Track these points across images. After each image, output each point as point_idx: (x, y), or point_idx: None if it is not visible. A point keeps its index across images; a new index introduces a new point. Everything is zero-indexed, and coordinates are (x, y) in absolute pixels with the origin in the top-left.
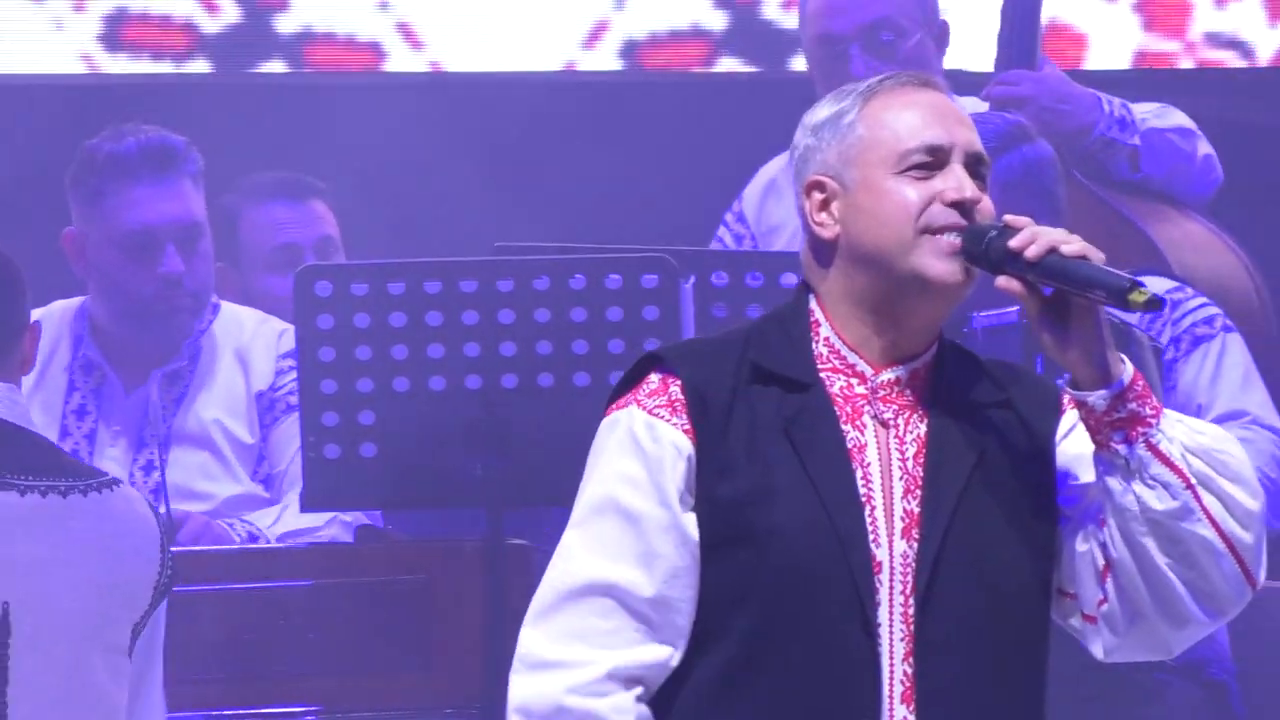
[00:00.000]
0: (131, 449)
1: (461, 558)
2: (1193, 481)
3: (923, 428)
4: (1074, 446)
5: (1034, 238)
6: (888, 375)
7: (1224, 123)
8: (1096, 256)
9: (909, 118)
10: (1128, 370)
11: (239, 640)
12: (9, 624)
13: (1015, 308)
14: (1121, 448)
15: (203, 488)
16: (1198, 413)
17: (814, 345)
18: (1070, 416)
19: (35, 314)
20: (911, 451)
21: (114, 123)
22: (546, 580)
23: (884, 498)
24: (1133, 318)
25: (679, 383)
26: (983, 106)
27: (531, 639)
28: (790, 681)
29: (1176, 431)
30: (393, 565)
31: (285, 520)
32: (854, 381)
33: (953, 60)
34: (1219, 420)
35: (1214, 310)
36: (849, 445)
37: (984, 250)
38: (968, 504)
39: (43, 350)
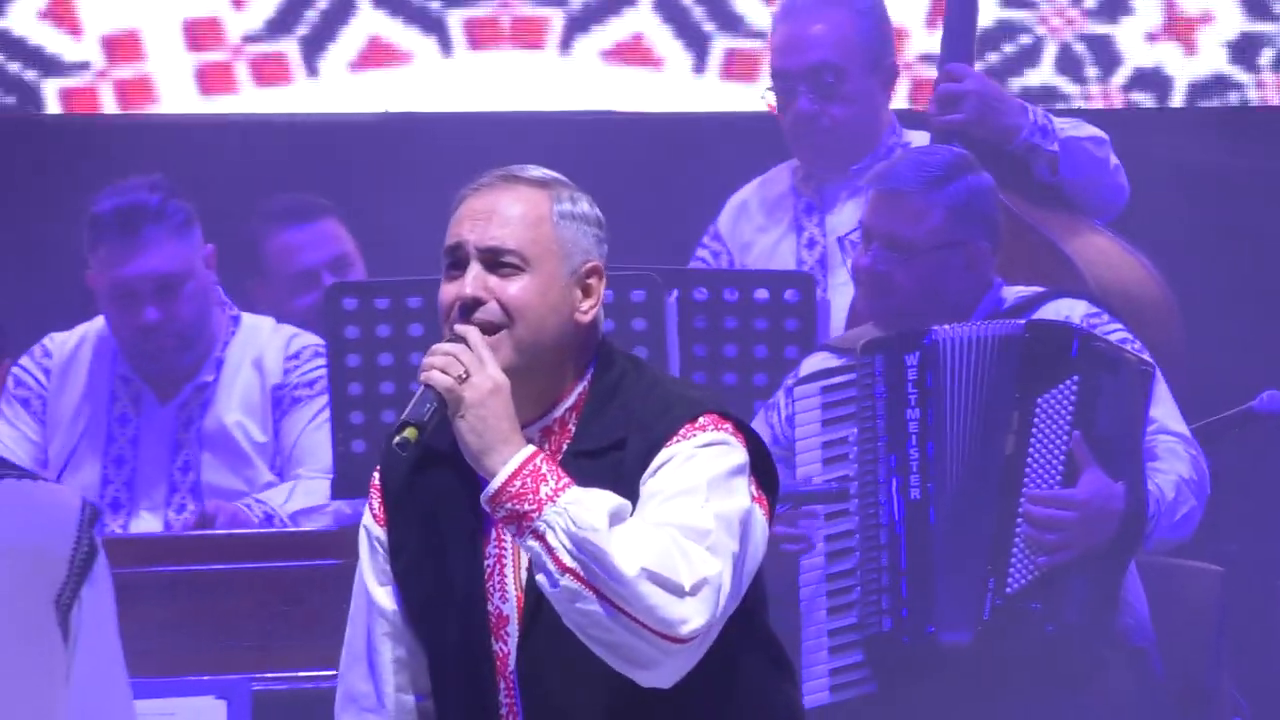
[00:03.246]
0: (170, 452)
1: None
2: (569, 566)
3: None
4: (649, 486)
5: (426, 364)
6: (526, 432)
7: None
8: (438, 383)
9: (452, 221)
10: (502, 474)
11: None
12: None
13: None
14: (522, 540)
15: (231, 484)
16: None
17: None
18: (665, 454)
19: (81, 328)
20: None
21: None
22: None
23: (515, 553)
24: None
25: (378, 471)
26: (926, 140)
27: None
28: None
29: (559, 522)
30: None
31: (295, 499)
32: None
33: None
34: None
35: (1126, 335)
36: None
37: None
38: None
39: (86, 361)
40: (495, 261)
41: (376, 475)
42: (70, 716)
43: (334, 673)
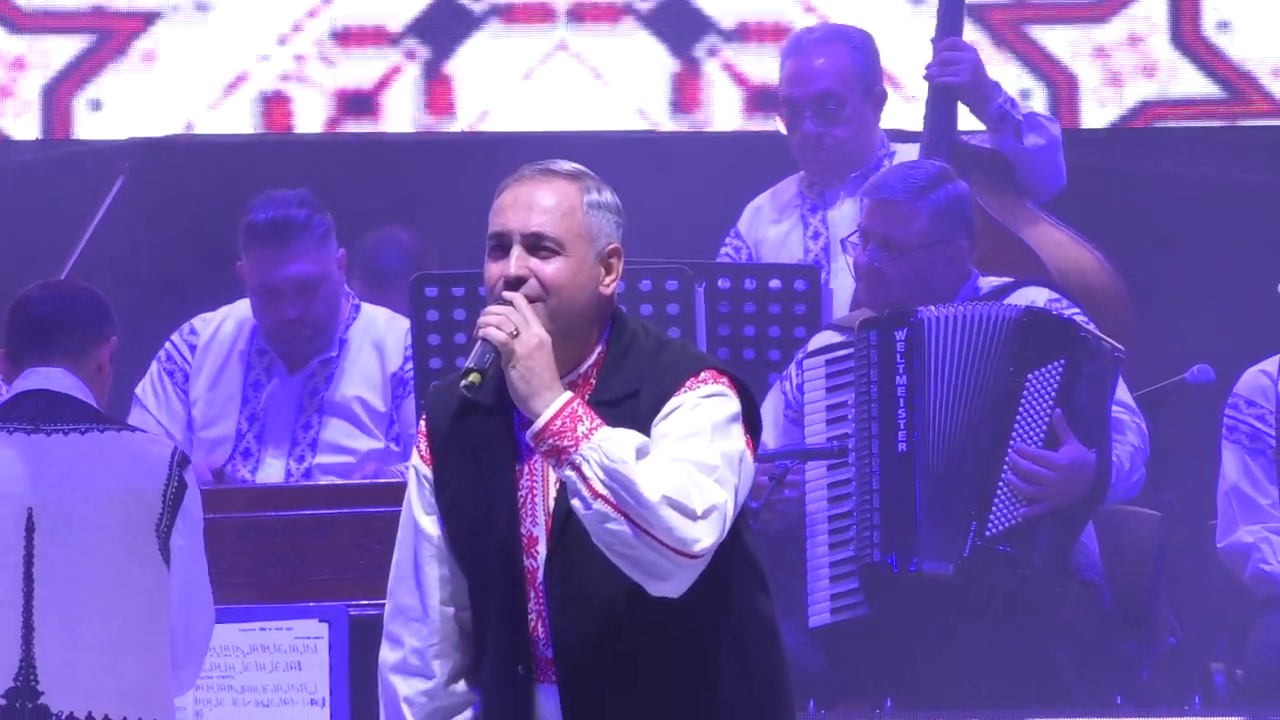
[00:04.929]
0: (295, 414)
1: None
2: (601, 492)
3: None
4: (660, 429)
5: (482, 323)
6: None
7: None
8: (494, 338)
9: (496, 209)
10: (545, 415)
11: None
12: (33, 523)
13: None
14: (560, 470)
15: (347, 444)
16: None
17: None
18: (673, 402)
19: (224, 310)
20: None
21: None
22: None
23: (544, 484)
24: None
25: (424, 417)
26: (912, 153)
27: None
28: (489, 632)
29: (593, 456)
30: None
31: None
32: None
33: (899, 121)
34: None
35: (1083, 318)
36: (522, 448)
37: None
38: None
39: (228, 338)
40: (536, 245)
41: (423, 423)
42: (171, 623)
43: None
